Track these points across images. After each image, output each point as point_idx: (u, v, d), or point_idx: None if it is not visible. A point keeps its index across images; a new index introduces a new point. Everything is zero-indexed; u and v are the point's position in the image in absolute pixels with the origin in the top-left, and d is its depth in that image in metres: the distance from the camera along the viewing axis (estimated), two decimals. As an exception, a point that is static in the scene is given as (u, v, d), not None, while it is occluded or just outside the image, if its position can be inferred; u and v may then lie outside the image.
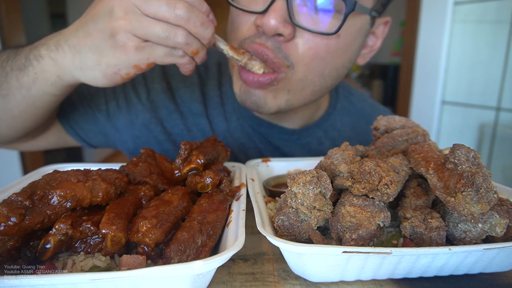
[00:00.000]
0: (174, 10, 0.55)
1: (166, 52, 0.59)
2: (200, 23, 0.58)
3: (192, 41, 0.59)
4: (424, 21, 2.35)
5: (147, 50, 0.58)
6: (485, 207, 0.44)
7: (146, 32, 0.56)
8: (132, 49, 0.57)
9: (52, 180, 0.49)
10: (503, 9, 2.01)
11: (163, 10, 0.55)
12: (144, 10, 0.55)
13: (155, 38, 0.57)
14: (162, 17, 0.56)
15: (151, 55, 0.59)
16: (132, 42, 0.56)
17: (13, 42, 2.53)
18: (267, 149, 0.95)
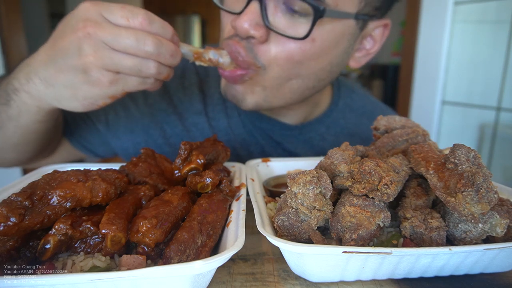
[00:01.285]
0: (144, 47, 0.55)
1: (140, 81, 0.60)
2: (170, 55, 0.59)
3: (163, 69, 0.61)
4: (424, 21, 2.35)
5: (121, 82, 0.59)
6: (486, 207, 0.44)
7: (117, 67, 0.56)
8: (106, 83, 0.58)
9: (52, 180, 0.49)
10: (503, 9, 2.01)
11: (133, 46, 0.55)
12: (113, 46, 0.55)
13: (127, 71, 0.57)
14: (133, 52, 0.56)
15: (125, 86, 0.60)
16: (105, 77, 0.57)
17: (13, 42, 2.53)
18: (269, 145, 0.95)
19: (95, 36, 0.54)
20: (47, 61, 0.59)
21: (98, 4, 0.56)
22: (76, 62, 0.56)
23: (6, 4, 2.47)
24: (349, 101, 1.06)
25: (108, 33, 0.54)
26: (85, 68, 0.56)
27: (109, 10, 0.55)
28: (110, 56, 0.55)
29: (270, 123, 0.95)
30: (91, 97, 0.60)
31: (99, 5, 0.56)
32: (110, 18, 0.55)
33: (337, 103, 1.02)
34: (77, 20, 0.55)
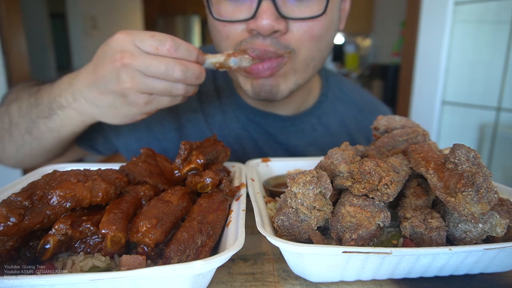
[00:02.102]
0: (173, 74, 0.62)
1: (170, 100, 0.68)
2: (195, 77, 0.65)
3: (190, 88, 0.67)
4: (424, 21, 2.35)
5: (155, 102, 0.67)
6: (486, 207, 0.44)
7: (151, 90, 0.64)
8: (142, 104, 0.66)
9: (51, 180, 0.49)
10: (503, 9, 2.01)
11: (163, 73, 0.62)
12: (146, 73, 0.62)
13: (159, 92, 0.65)
14: (163, 78, 0.63)
15: (159, 105, 0.68)
16: (141, 99, 0.65)
17: (13, 42, 2.53)
18: (261, 138, 0.98)
19: (130, 66, 0.61)
20: (90, 85, 0.67)
21: (131, 34, 0.62)
22: (116, 87, 0.63)
23: (6, 4, 2.46)
24: (337, 92, 1.08)
25: (141, 63, 0.61)
26: (124, 93, 0.64)
27: (141, 40, 0.61)
28: (144, 82, 0.63)
29: (263, 116, 0.97)
30: (130, 115, 0.69)
31: (132, 35, 0.62)
32: (141, 47, 0.62)
33: (327, 94, 1.05)
34: (114, 51, 0.62)
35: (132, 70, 0.61)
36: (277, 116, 0.98)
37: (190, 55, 0.64)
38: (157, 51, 0.61)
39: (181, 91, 0.65)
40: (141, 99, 0.65)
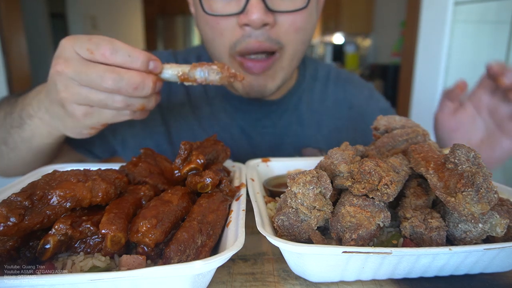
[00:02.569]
0: (101, 83, 0.57)
1: (114, 114, 0.62)
2: (133, 89, 0.58)
3: (132, 101, 0.60)
4: (424, 21, 2.35)
5: (95, 115, 0.62)
6: (486, 207, 0.44)
7: (87, 101, 0.59)
8: (81, 116, 0.61)
9: (51, 180, 0.49)
10: (503, 9, 2.01)
11: (94, 82, 0.57)
12: (79, 82, 0.58)
13: (96, 104, 0.60)
14: (96, 88, 0.58)
15: (101, 118, 0.62)
16: (79, 110, 0.61)
17: (13, 42, 2.53)
18: (249, 124, 1.02)
19: (63, 73, 0.58)
20: (46, 93, 0.65)
21: (73, 39, 0.59)
22: (56, 96, 0.61)
23: (6, 4, 2.46)
24: (313, 72, 1.12)
25: (72, 70, 0.57)
26: (62, 102, 0.60)
27: (79, 44, 0.58)
28: (78, 92, 0.58)
29: (250, 103, 1.01)
30: (74, 127, 0.66)
31: (73, 40, 0.58)
32: (79, 52, 0.58)
33: (304, 75, 1.10)
34: (54, 58, 0.59)
35: (65, 78, 0.58)
36: (263, 102, 1.02)
37: (132, 62, 0.58)
38: (92, 56, 0.57)
39: (119, 103, 0.59)
40: (78, 111, 0.60)
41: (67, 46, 0.58)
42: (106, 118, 0.63)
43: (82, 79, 0.57)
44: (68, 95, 0.59)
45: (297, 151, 1.01)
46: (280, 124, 1.02)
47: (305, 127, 1.03)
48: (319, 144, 1.02)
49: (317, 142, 1.02)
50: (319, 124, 1.04)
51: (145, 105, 0.62)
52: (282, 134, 1.01)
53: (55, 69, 0.58)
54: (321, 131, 1.03)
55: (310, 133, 1.03)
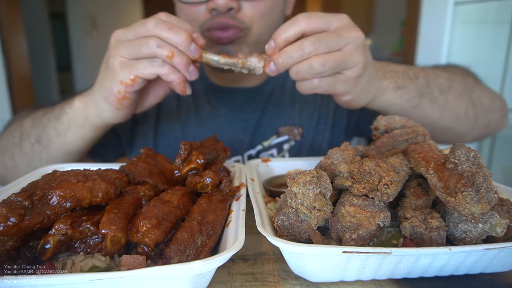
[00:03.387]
0: (144, 25, 0.67)
1: (146, 64, 0.67)
2: (168, 28, 0.66)
3: (164, 44, 0.66)
4: (424, 21, 2.35)
5: (130, 65, 0.68)
6: (486, 207, 0.44)
7: (128, 51, 0.67)
8: (117, 66, 0.68)
9: (51, 180, 0.49)
10: (503, 9, 2.00)
11: (138, 30, 0.67)
12: (127, 37, 0.69)
13: (134, 53, 0.67)
14: (139, 35, 0.67)
15: (133, 68, 0.68)
16: (117, 61, 0.68)
17: (13, 42, 2.53)
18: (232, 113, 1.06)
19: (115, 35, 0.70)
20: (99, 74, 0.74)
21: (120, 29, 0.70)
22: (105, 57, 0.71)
23: (6, 4, 2.46)
24: None
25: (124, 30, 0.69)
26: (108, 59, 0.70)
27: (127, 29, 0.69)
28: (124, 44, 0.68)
29: (231, 92, 1.06)
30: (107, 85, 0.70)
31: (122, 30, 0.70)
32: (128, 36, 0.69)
33: None
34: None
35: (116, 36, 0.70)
36: (244, 90, 1.07)
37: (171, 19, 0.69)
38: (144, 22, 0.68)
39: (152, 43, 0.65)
40: (116, 61, 0.68)
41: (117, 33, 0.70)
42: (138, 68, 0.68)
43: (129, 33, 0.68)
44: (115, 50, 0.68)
45: (275, 130, 1.06)
46: (260, 108, 1.07)
47: (280, 108, 1.08)
48: (294, 120, 1.07)
49: (292, 119, 1.07)
50: (292, 102, 1.08)
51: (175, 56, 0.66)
52: (260, 117, 1.06)
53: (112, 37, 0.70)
54: (294, 108, 1.08)
55: (285, 112, 1.08)
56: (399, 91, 0.81)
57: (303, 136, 1.07)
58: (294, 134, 1.06)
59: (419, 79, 0.84)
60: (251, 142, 1.06)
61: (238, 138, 1.05)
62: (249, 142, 1.06)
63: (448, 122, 0.89)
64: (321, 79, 0.67)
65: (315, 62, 0.64)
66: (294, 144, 1.06)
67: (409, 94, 0.82)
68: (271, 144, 1.06)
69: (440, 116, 0.87)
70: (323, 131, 1.07)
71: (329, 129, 1.08)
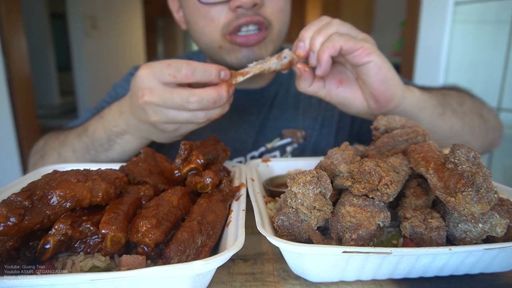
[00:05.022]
0: (188, 106, 0.66)
1: (196, 126, 0.73)
2: (212, 103, 0.67)
3: (211, 113, 0.70)
4: (424, 21, 2.35)
5: (183, 128, 0.73)
6: (486, 207, 0.44)
7: (175, 120, 0.69)
8: (171, 131, 0.72)
9: (51, 180, 0.49)
10: (503, 9, 2.00)
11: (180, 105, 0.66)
12: (166, 107, 0.67)
13: (182, 121, 0.69)
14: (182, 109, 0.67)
15: (188, 129, 0.74)
16: (169, 128, 0.71)
17: (13, 42, 2.53)
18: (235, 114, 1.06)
19: (150, 103, 0.66)
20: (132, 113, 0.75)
21: (151, 68, 0.66)
22: (146, 120, 0.71)
23: (6, 4, 2.46)
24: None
25: (159, 98, 0.66)
26: (153, 124, 0.71)
27: (159, 72, 0.66)
28: (166, 115, 0.68)
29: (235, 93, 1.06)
30: (165, 138, 0.77)
31: (151, 69, 0.66)
32: (161, 79, 0.66)
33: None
34: (137, 89, 0.68)
35: (153, 106, 0.67)
36: (248, 91, 1.07)
37: (209, 75, 0.67)
38: (175, 79, 0.65)
39: (201, 118, 0.69)
40: (169, 128, 0.71)
41: (147, 76, 0.66)
42: (192, 128, 0.74)
43: (168, 105, 0.66)
44: (158, 118, 0.68)
45: (278, 132, 1.07)
46: (264, 110, 1.07)
47: (284, 110, 1.08)
48: (297, 123, 1.07)
49: (295, 122, 1.08)
50: (296, 105, 1.09)
51: (221, 113, 0.72)
52: (264, 118, 1.07)
53: (142, 100, 0.67)
54: (298, 112, 1.08)
55: (289, 115, 1.08)
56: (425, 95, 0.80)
57: (306, 139, 1.07)
58: (297, 137, 1.06)
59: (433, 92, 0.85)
60: (254, 144, 1.06)
61: (241, 139, 1.05)
62: (252, 144, 1.06)
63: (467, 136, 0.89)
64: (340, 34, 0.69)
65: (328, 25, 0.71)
66: (297, 146, 1.06)
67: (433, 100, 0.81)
68: (274, 146, 1.06)
69: (461, 128, 0.86)
70: (327, 135, 1.07)
71: (333, 134, 1.08)
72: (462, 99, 0.89)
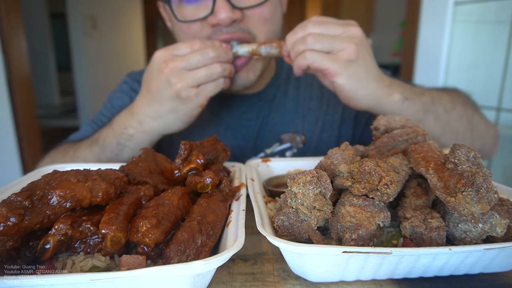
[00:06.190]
0: (208, 55, 0.76)
1: (214, 85, 0.79)
2: (225, 53, 0.79)
3: (225, 65, 0.79)
4: (424, 21, 2.35)
5: (203, 92, 0.78)
6: (486, 207, 0.44)
7: (197, 81, 0.77)
8: (194, 96, 0.78)
9: (51, 180, 0.49)
10: (503, 9, 2.00)
11: (200, 59, 0.76)
12: (188, 68, 0.76)
13: (203, 79, 0.77)
14: (202, 64, 0.76)
15: (207, 93, 0.79)
16: (191, 92, 0.77)
17: (13, 42, 2.53)
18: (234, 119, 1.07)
19: (175, 67, 0.75)
20: (149, 103, 0.80)
21: (165, 49, 0.78)
22: (170, 92, 0.77)
23: (6, 4, 2.46)
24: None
25: (182, 61, 0.75)
26: (177, 93, 0.77)
27: (176, 48, 0.77)
28: (189, 76, 0.76)
29: (233, 99, 1.06)
30: (188, 112, 0.80)
31: (166, 50, 0.78)
32: (178, 53, 0.77)
33: (282, 66, 1.15)
34: (159, 64, 0.77)
35: (177, 70, 0.75)
36: (246, 96, 1.07)
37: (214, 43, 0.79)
38: (191, 49, 0.76)
39: (218, 68, 0.77)
40: (192, 92, 0.77)
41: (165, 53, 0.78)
42: (210, 91, 0.79)
43: (191, 63, 0.75)
44: (182, 83, 0.75)
45: (277, 137, 1.06)
46: (262, 114, 1.07)
47: (282, 114, 1.08)
48: (297, 128, 1.07)
49: (295, 126, 1.07)
50: (296, 109, 1.08)
51: (231, 70, 0.82)
52: (263, 123, 1.07)
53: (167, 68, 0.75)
54: (297, 115, 1.08)
55: (288, 119, 1.07)
56: (406, 102, 0.81)
57: (305, 144, 1.05)
58: (296, 142, 1.05)
59: (424, 96, 0.86)
60: (253, 150, 1.05)
61: (240, 145, 1.04)
62: (252, 150, 1.05)
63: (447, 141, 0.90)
64: (312, 51, 0.73)
65: (308, 37, 0.73)
66: (297, 151, 1.05)
67: (415, 107, 0.82)
68: (273, 152, 1.05)
69: (441, 134, 0.88)
70: (327, 140, 1.06)
71: (334, 138, 1.06)
72: (453, 105, 0.90)
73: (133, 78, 1.13)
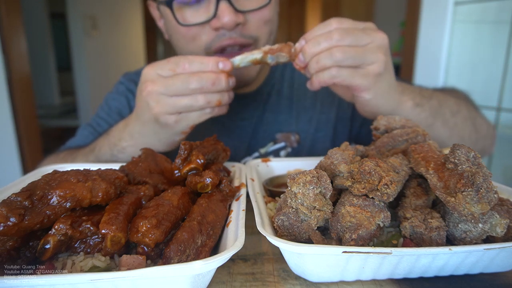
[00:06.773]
0: (189, 85, 0.69)
1: (198, 114, 0.73)
2: (211, 84, 0.70)
3: (212, 97, 0.72)
4: (424, 21, 2.34)
5: (184, 120, 0.73)
6: (486, 207, 0.44)
7: (176, 108, 0.71)
8: (173, 124, 0.73)
9: (51, 180, 0.49)
10: (503, 9, 2.00)
11: (181, 88, 0.69)
12: (168, 94, 0.70)
13: (184, 109, 0.71)
14: (183, 93, 0.70)
15: (189, 121, 0.74)
16: (170, 119, 0.72)
17: (13, 42, 2.53)
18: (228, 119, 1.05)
19: (153, 91, 0.70)
20: (136, 118, 0.78)
21: (153, 66, 0.72)
22: (149, 114, 0.73)
23: (6, 4, 2.46)
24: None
25: (161, 86, 0.69)
26: (155, 117, 0.72)
27: (160, 68, 0.71)
28: (168, 103, 0.70)
29: None
30: (168, 137, 0.77)
31: (153, 66, 0.72)
32: (161, 73, 0.71)
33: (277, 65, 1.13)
34: (143, 82, 0.73)
35: (156, 95, 0.70)
36: (241, 95, 1.05)
37: (205, 66, 0.70)
38: (174, 72, 0.70)
39: (202, 101, 0.70)
40: (170, 119, 0.72)
41: (150, 72, 0.72)
42: (193, 120, 0.74)
43: (170, 90, 0.69)
44: (160, 108, 0.70)
45: (272, 137, 1.05)
46: (256, 114, 1.06)
47: (277, 114, 1.07)
48: (291, 127, 1.06)
49: (289, 125, 1.06)
50: (290, 108, 1.08)
51: (221, 100, 0.73)
52: (257, 123, 1.06)
53: (146, 91, 0.70)
54: (292, 115, 1.07)
55: (282, 118, 1.07)
56: (417, 108, 0.80)
57: (300, 143, 1.05)
58: (291, 141, 1.05)
59: (432, 100, 0.84)
60: (248, 149, 1.05)
61: (234, 145, 1.03)
62: (246, 149, 1.05)
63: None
64: (340, 68, 0.68)
65: (336, 51, 0.66)
66: (291, 151, 1.05)
67: (425, 113, 0.81)
68: (268, 151, 1.05)
69: (449, 137, 0.87)
70: (322, 139, 1.06)
71: (329, 138, 1.06)
72: (458, 107, 0.89)
73: (128, 79, 1.12)
